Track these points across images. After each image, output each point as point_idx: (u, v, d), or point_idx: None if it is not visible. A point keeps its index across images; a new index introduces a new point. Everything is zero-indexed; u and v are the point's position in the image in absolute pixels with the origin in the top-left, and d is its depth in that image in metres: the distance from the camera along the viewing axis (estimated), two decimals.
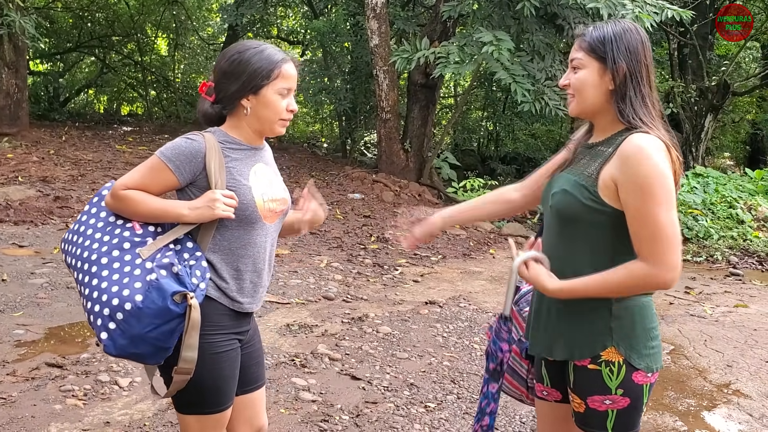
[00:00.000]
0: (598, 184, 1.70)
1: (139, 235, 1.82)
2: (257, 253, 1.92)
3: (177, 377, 1.78)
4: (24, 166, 8.18)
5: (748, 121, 17.08)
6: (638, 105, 1.72)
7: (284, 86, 1.89)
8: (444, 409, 3.44)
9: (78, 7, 15.31)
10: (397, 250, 7.04)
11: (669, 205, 1.64)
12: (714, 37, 13.93)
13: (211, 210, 1.79)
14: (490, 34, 7.64)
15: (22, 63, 10.19)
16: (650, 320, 1.77)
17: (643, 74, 1.74)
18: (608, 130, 1.78)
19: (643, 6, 7.42)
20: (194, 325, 1.73)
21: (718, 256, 7.98)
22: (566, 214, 1.76)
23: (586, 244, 1.74)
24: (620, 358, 1.72)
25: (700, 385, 4.08)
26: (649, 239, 1.64)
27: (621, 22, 1.78)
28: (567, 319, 1.79)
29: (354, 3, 12.15)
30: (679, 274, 1.69)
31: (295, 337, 4.22)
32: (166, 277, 1.73)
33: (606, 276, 1.70)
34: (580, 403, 1.78)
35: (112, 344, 1.73)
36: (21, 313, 4.13)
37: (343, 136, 13.30)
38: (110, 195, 1.86)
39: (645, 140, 1.66)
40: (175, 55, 17.62)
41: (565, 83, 1.82)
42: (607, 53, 1.73)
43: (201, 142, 1.84)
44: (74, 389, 3.21)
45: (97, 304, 1.74)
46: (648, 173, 1.63)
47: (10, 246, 5.42)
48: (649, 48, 1.78)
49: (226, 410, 1.92)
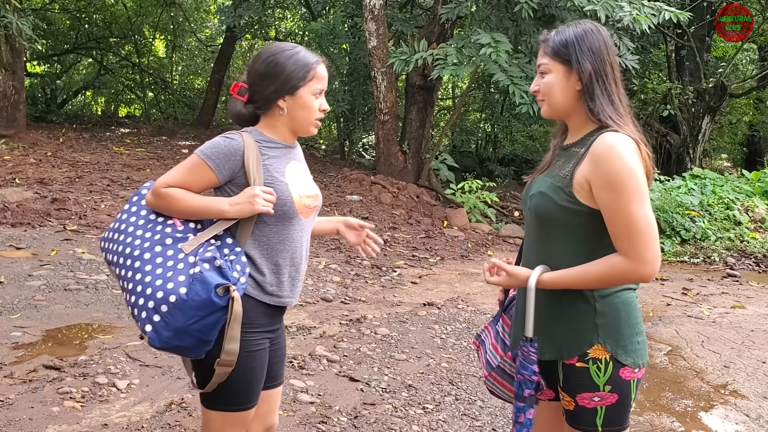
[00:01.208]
0: (573, 184, 1.74)
1: (181, 231, 1.87)
2: (295, 247, 1.97)
3: (219, 369, 1.81)
4: (21, 168, 8.17)
5: (745, 122, 17.12)
6: (606, 102, 1.77)
7: (318, 87, 1.96)
8: (442, 410, 3.44)
9: (75, 8, 15.31)
10: (395, 251, 7.05)
11: (642, 201, 1.68)
12: (711, 39, 13.97)
13: (252, 205, 1.84)
14: (488, 36, 7.65)
15: (19, 65, 10.18)
16: (634, 316, 1.79)
17: (608, 72, 1.79)
18: (581, 130, 1.82)
19: (640, 8, 7.44)
20: (236, 317, 1.77)
21: (716, 258, 7.99)
22: (544, 216, 1.80)
23: (565, 244, 1.77)
24: (607, 355, 1.75)
25: (698, 385, 4.09)
26: (626, 235, 1.68)
27: (582, 23, 1.84)
28: (553, 319, 1.80)
29: (352, 5, 12.17)
30: (658, 266, 1.71)
31: (293, 339, 4.22)
32: (210, 270, 1.77)
33: (586, 267, 1.73)
34: (569, 401, 1.80)
35: (157, 336, 1.75)
36: (18, 315, 4.12)
37: (341, 138, 13.31)
38: (151, 193, 1.91)
39: (615, 139, 1.70)
40: (172, 57, 17.63)
41: (534, 89, 1.88)
42: (570, 55, 1.78)
43: (239, 140, 1.89)
44: (72, 391, 3.20)
45: (141, 297, 1.78)
46: (619, 170, 1.67)
47: (7, 248, 5.41)
48: (612, 46, 1.83)
49: (251, 409, 1.95)
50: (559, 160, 1.85)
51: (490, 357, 2.02)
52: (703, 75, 12.99)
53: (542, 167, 1.92)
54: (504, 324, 2.02)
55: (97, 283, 4.80)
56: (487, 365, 2.02)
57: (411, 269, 6.48)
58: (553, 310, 1.80)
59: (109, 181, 8.24)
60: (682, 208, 8.78)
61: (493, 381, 2.00)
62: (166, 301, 1.74)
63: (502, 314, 2.05)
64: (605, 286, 1.75)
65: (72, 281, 4.79)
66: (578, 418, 1.80)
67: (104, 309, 4.36)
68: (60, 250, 5.47)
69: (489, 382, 2.02)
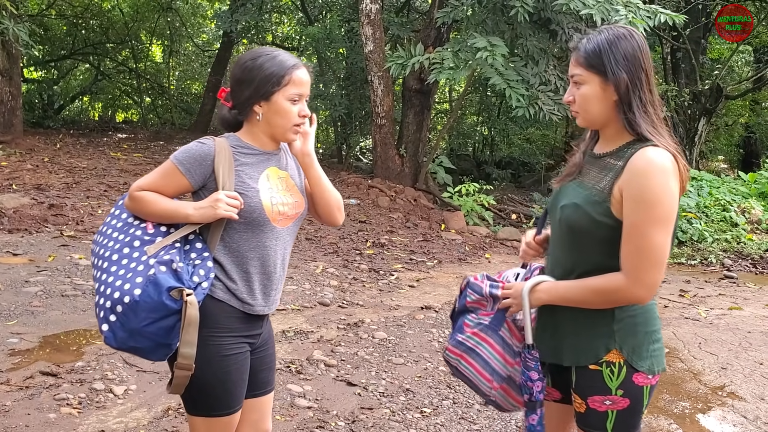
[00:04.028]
0: (611, 200, 1.69)
1: (151, 234, 1.88)
2: (266, 256, 1.94)
3: (178, 372, 1.81)
4: (18, 173, 8.16)
5: (741, 124, 17.15)
6: (642, 113, 1.71)
7: (296, 92, 1.92)
8: (440, 414, 3.44)
9: (72, 14, 15.31)
10: (392, 255, 7.05)
11: (664, 228, 1.65)
12: (707, 41, 14.01)
13: (213, 210, 1.84)
14: (484, 40, 7.67)
15: (15, 70, 10.18)
16: (653, 323, 1.78)
17: (644, 80, 1.72)
18: (616, 140, 1.77)
19: (636, 11, 7.46)
20: (190, 321, 1.76)
21: (713, 259, 8.00)
22: (577, 228, 1.75)
23: (599, 256, 1.74)
24: (621, 359, 1.74)
25: (695, 387, 4.09)
26: (635, 253, 1.65)
27: (613, 28, 1.76)
28: (571, 325, 1.80)
29: (348, 9, 12.18)
30: (654, 293, 1.70)
31: (291, 344, 4.22)
32: (165, 273, 1.77)
33: (585, 281, 1.72)
34: (581, 403, 1.79)
35: (113, 336, 1.78)
36: (15, 321, 4.12)
37: (338, 142, 13.31)
38: (128, 196, 1.95)
39: (655, 155, 1.65)
40: (169, 62, 17.62)
41: (569, 99, 1.80)
42: (605, 66, 1.71)
43: (211, 145, 1.90)
44: (69, 398, 3.20)
45: (102, 297, 1.81)
46: (653, 190, 1.63)
47: (4, 254, 5.40)
48: (647, 51, 1.76)
49: (234, 414, 1.94)
50: (592, 169, 1.79)
51: (499, 367, 1.90)
52: (699, 77, 13.03)
53: (571, 173, 1.85)
54: (510, 330, 1.93)
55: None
56: (496, 376, 1.90)
57: (408, 273, 6.48)
58: (573, 317, 1.79)
59: (107, 186, 8.23)
60: (679, 209, 8.80)
61: (503, 393, 1.91)
62: (121, 302, 1.76)
63: (506, 321, 1.94)
64: (599, 302, 1.72)
65: (69, 287, 4.79)
66: (588, 421, 1.79)
67: None
68: (57, 255, 5.47)
69: (498, 394, 1.91)
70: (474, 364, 1.94)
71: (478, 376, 1.93)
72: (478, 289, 1.98)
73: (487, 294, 1.97)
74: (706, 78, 13.30)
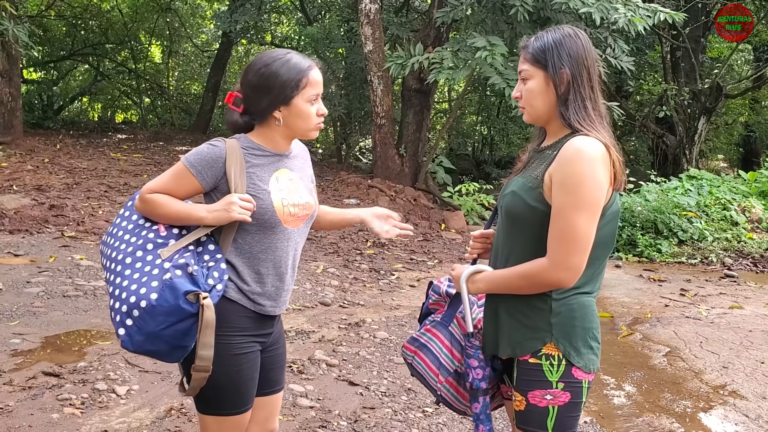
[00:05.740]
0: (543, 186, 1.75)
1: (163, 237, 1.88)
2: (278, 257, 1.96)
3: (195, 375, 1.82)
4: (18, 174, 8.17)
5: (741, 123, 17.15)
6: (578, 108, 1.78)
7: (313, 93, 1.93)
8: (442, 413, 3.45)
9: (71, 15, 15.32)
10: (393, 255, 7.06)
11: (588, 212, 1.68)
12: (706, 40, 14.01)
13: (227, 213, 1.84)
14: (483, 39, 7.67)
15: (15, 71, 10.19)
16: (590, 320, 1.79)
17: (585, 77, 1.79)
18: (558, 134, 1.84)
19: (635, 9, 7.47)
20: (208, 324, 1.77)
21: (713, 258, 8.01)
22: (514, 214, 1.81)
23: (532, 243, 1.78)
24: (559, 353, 1.75)
25: (696, 386, 4.09)
26: (558, 237, 1.70)
27: (561, 28, 1.84)
28: (508, 317, 1.82)
29: (348, 9, 12.19)
30: (576, 278, 1.71)
31: (292, 344, 4.22)
32: (181, 277, 1.77)
33: (516, 267, 1.77)
34: (521, 401, 1.79)
35: (129, 340, 1.78)
36: (17, 322, 4.12)
37: (338, 142, 13.31)
38: (138, 198, 1.94)
39: (583, 143, 1.71)
40: (169, 63, 17.63)
41: (516, 95, 1.89)
42: (548, 61, 1.79)
43: (222, 147, 1.90)
44: (71, 398, 3.20)
45: (117, 301, 1.81)
46: (579, 176, 1.68)
47: (5, 255, 5.40)
48: (591, 51, 1.83)
49: (244, 413, 1.95)
50: (534, 161, 1.87)
51: (446, 361, 1.95)
52: (699, 76, 13.03)
53: (518, 169, 1.94)
54: (459, 325, 1.97)
55: (96, 289, 4.80)
56: (443, 370, 1.95)
57: (409, 272, 6.49)
58: (510, 308, 1.81)
59: (107, 187, 8.24)
60: (679, 209, 8.80)
61: (449, 387, 1.95)
62: (138, 306, 1.76)
63: (455, 316, 1.99)
64: (527, 287, 1.75)
65: (70, 287, 4.79)
66: (528, 419, 1.78)
67: (103, 315, 4.35)
68: (58, 256, 5.47)
69: (444, 388, 1.95)
70: (425, 359, 2.00)
71: (428, 371, 1.98)
72: (437, 289, 2.09)
73: (444, 293, 2.06)
74: (706, 77, 13.31)
